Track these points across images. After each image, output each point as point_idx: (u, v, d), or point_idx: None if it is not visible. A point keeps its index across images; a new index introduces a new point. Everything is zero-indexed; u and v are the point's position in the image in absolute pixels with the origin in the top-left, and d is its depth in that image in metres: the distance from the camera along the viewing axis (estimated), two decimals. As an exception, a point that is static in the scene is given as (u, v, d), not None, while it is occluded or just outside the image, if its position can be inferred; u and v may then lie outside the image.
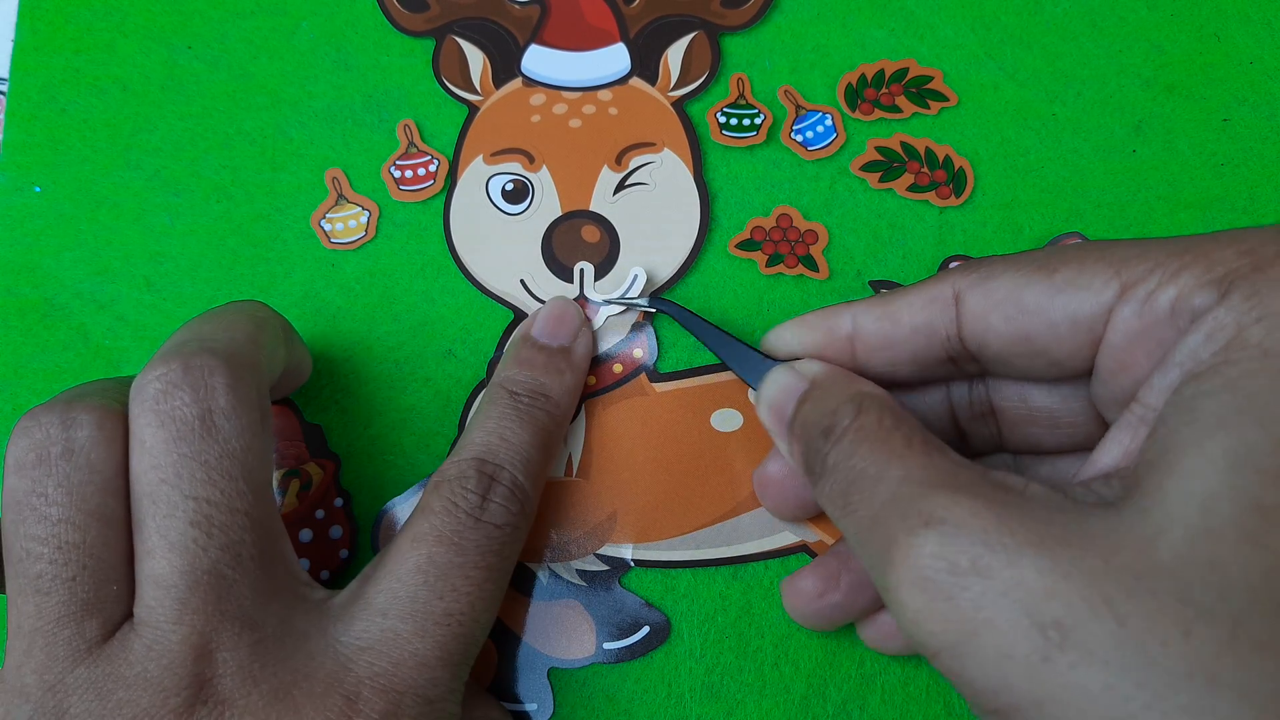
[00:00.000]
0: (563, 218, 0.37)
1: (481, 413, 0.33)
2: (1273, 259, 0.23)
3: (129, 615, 0.27)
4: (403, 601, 0.29)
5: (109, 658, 0.26)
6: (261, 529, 0.28)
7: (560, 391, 0.34)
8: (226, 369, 0.28)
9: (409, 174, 0.38)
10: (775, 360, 0.32)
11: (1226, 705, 0.18)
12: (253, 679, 0.27)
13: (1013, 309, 0.27)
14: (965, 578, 0.21)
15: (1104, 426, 0.28)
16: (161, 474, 0.27)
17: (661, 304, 0.35)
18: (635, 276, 0.37)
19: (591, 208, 0.37)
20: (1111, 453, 0.25)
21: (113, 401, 0.28)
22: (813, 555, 0.35)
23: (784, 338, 0.32)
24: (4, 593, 0.29)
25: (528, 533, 0.32)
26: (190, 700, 0.26)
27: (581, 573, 0.36)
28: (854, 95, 0.38)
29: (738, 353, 0.33)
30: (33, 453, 0.27)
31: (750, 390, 0.33)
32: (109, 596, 0.27)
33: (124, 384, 0.29)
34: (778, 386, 0.31)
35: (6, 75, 0.39)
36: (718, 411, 0.36)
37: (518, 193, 0.38)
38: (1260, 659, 0.18)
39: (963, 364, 0.30)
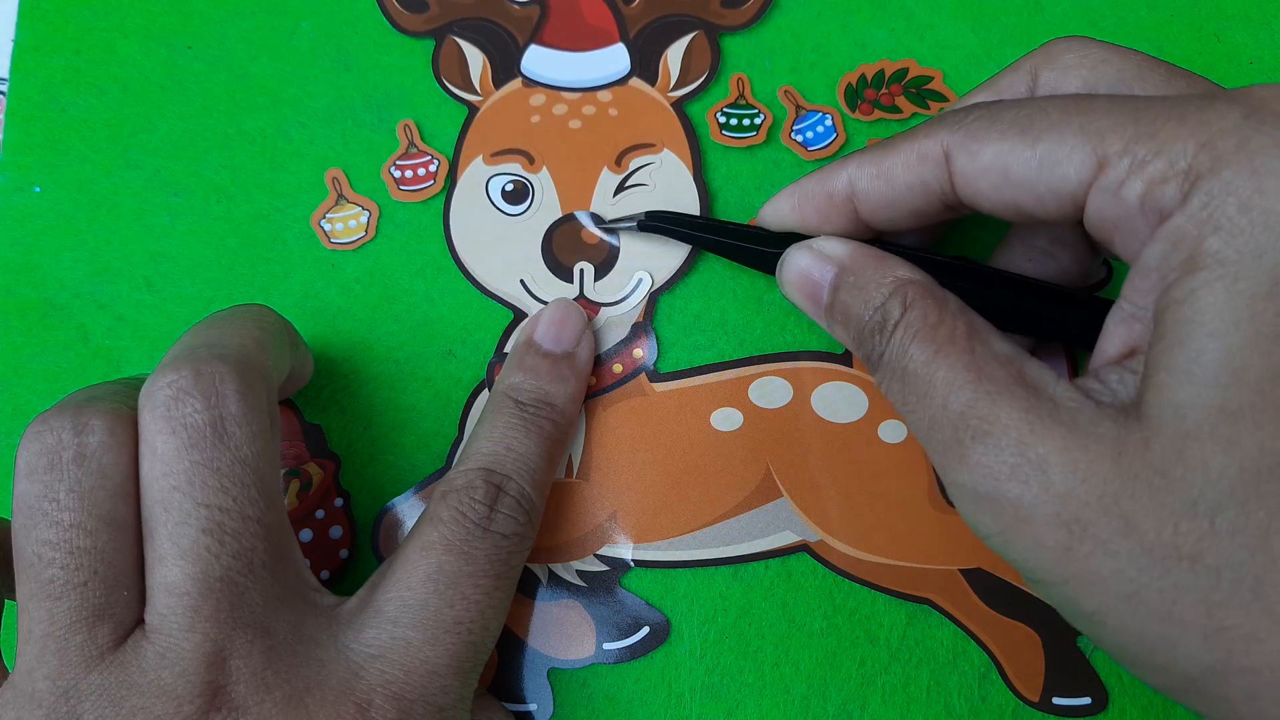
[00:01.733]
0: (562, 219, 0.37)
1: (487, 421, 0.33)
2: (1233, 153, 0.23)
3: (140, 621, 0.27)
4: (413, 609, 0.29)
5: (121, 664, 0.26)
6: (273, 536, 0.28)
7: (565, 399, 0.34)
8: (237, 375, 0.28)
9: (409, 174, 0.38)
10: (783, 238, 0.33)
11: (1206, 580, 0.22)
12: (266, 686, 0.27)
13: (999, 178, 0.27)
14: (1005, 483, 0.25)
15: None
16: (173, 481, 0.27)
17: (650, 223, 0.36)
18: (640, 281, 0.37)
19: (592, 209, 0.37)
20: (1114, 344, 0.27)
21: (123, 406, 0.28)
22: (813, 555, 0.35)
23: (781, 211, 0.32)
24: (14, 599, 0.29)
25: (534, 541, 0.33)
26: (204, 708, 0.26)
27: (581, 573, 0.36)
28: (854, 95, 0.38)
29: (743, 239, 0.34)
30: (44, 458, 0.27)
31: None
32: (120, 602, 0.27)
33: (133, 387, 0.29)
34: (799, 269, 0.32)
35: (6, 75, 0.39)
36: (718, 411, 0.36)
37: (518, 193, 0.38)
38: (1232, 544, 0.22)
39: (961, 210, 0.30)
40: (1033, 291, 0.31)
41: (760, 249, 0.34)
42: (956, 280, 0.30)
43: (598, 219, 0.37)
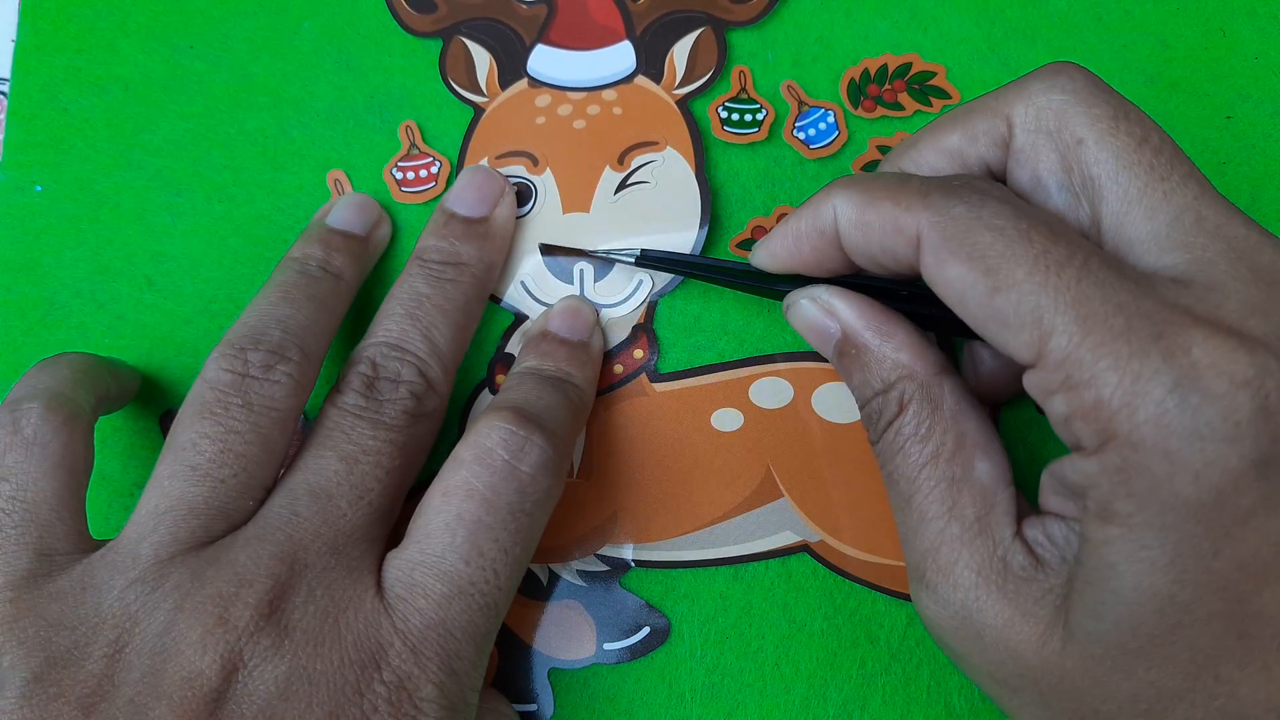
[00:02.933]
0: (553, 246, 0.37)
1: (505, 386, 0.34)
2: (1151, 431, 0.23)
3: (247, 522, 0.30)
4: (430, 560, 0.30)
5: (218, 547, 0.29)
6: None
7: (584, 380, 0.35)
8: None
9: (410, 175, 0.38)
10: (784, 279, 0.33)
11: None
12: (314, 598, 0.29)
13: (957, 303, 0.27)
14: (949, 634, 0.28)
15: None
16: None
17: (647, 259, 0.35)
18: (640, 282, 0.37)
19: (592, 209, 0.37)
20: (1051, 501, 0.28)
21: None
22: (813, 555, 0.35)
23: (778, 256, 0.32)
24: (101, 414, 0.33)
25: (553, 508, 0.32)
26: (268, 592, 0.28)
27: (582, 573, 0.36)
28: (857, 91, 0.38)
29: (744, 277, 0.34)
30: (231, 375, 0.31)
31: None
32: (243, 510, 0.30)
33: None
34: (806, 322, 0.32)
35: (8, 75, 0.39)
36: (718, 411, 0.36)
37: (520, 196, 0.37)
38: None
39: None
40: None
41: (762, 285, 0.34)
42: (944, 310, 0.30)
43: (581, 253, 0.37)
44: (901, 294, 0.31)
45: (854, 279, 0.32)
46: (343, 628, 0.28)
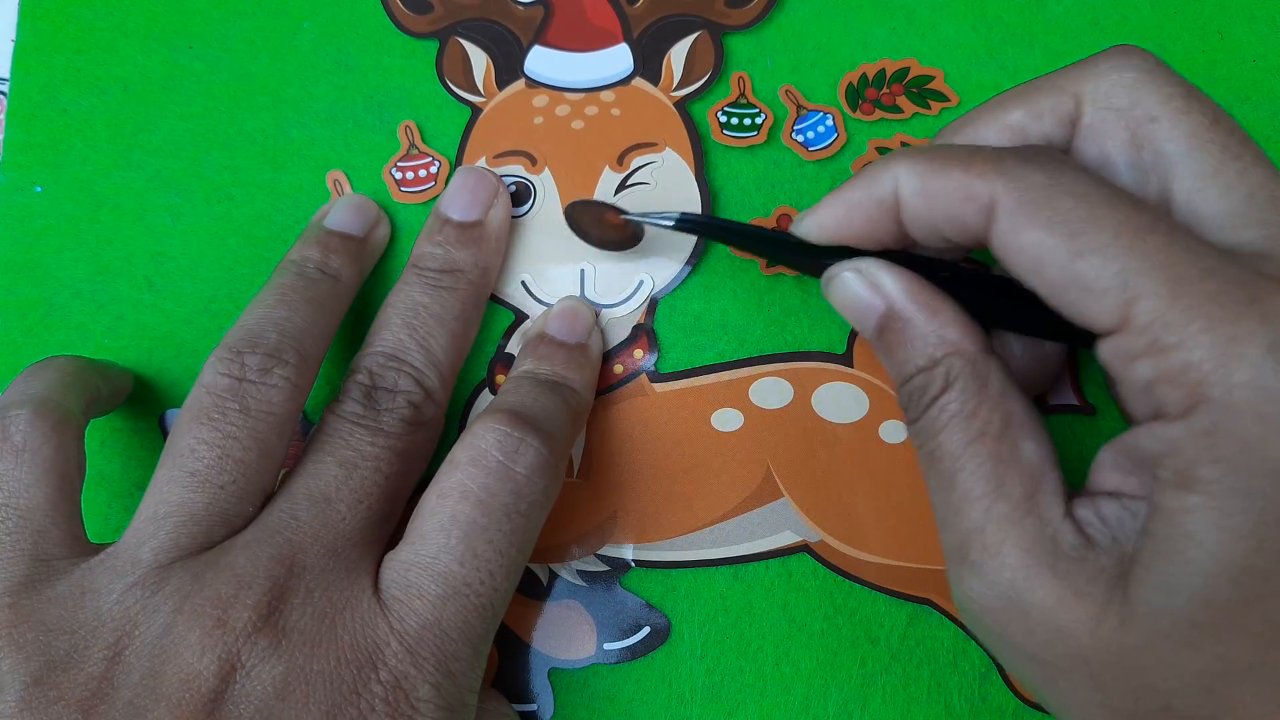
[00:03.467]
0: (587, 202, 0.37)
1: (502, 390, 0.34)
2: (1246, 392, 0.23)
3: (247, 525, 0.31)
4: (425, 561, 0.30)
5: (217, 550, 0.30)
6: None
7: (582, 384, 0.35)
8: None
9: (410, 175, 0.38)
10: (830, 249, 0.31)
11: None
12: (312, 599, 0.29)
13: (1031, 263, 0.26)
14: (993, 616, 0.27)
15: None
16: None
17: (686, 221, 0.34)
18: (641, 282, 0.37)
19: (593, 208, 0.37)
20: (1107, 479, 0.27)
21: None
22: (814, 555, 0.35)
23: (826, 225, 0.31)
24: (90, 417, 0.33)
25: (549, 510, 0.32)
26: (267, 594, 0.29)
27: (582, 573, 0.36)
28: (855, 95, 0.38)
29: (785, 247, 0.32)
30: (227, 379, 0.31)
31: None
32: (242, 515, 0.30)
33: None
34: (849, 293, 0.30)
35: (7, 75, 0.39)
36: (718, 412, 0.36)
37: (519, 195, 0.37)
38: None
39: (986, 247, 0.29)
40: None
41: (801, 257, 0.32)
42: (978, 290, 0.29)
43: (621, 210, 0.36)
44: (941, 275, 0.30)
45: (895, 254, 0.31)
46: (340, 629, 0.28)
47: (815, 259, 0.32)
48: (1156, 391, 0.24)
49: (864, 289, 0.30)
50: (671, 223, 0.34)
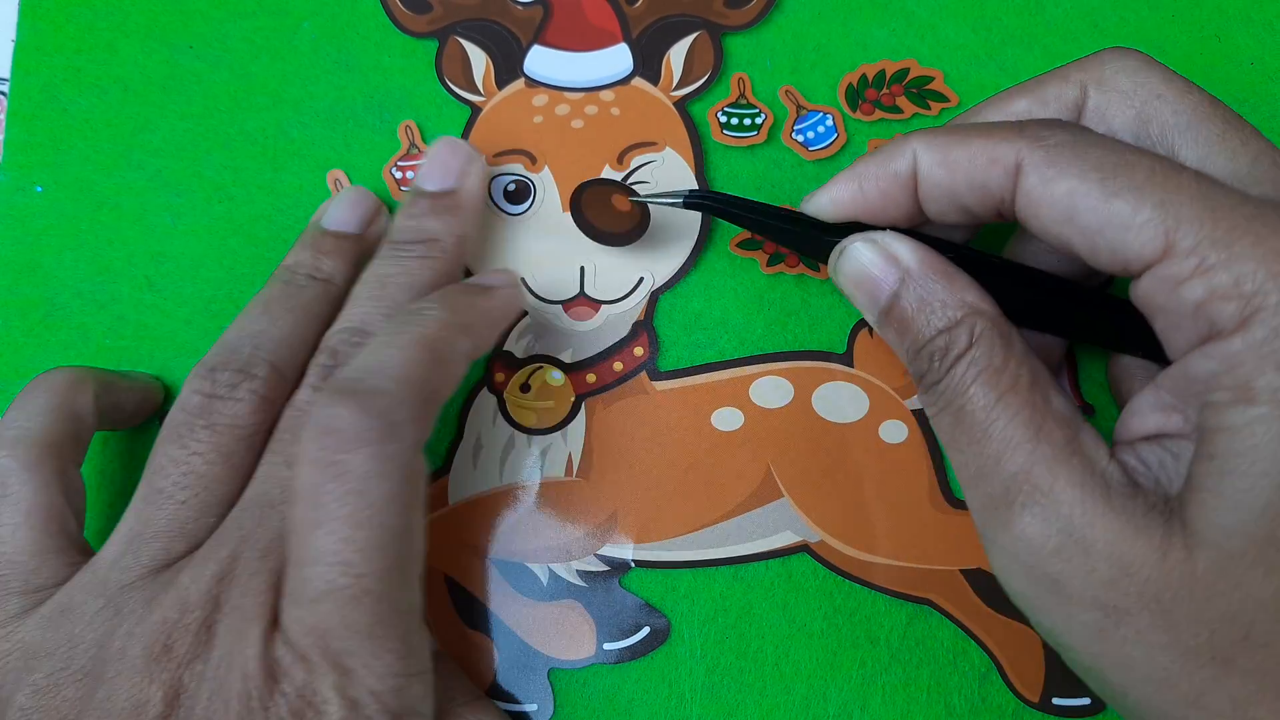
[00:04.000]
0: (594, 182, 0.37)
1: (353, 296, 0.34)
2: None
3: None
4: (290, 563, 0.28)
5: (174, 569, 0.30)
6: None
7: (450, 235, 0.35)
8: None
9: (410, 175, 0.38)
10: (840, 227, 0.31)
11: (1238, 680, 0.24)
12: (232, 615, 0.28)
13: (1063, 214, 0.27)
14: (1049, 558, 0.26)
15: None
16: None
17: (695, 198, 0.34)
18: (641, 279, 0.37)
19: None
20: (1145, 423, 0.28)
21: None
22: (814, 555, 0.35)
23: (840, 199, 0.31)
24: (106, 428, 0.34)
25: (414, 468, 0.28)
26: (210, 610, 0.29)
27: (582, 573, 0.36)
28: (855, 95, 0.38)
29: (795, 225, 0.32)
30: (200, 398, 0.32)
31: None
32: (204, 528, 0.31)
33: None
34: (860, 265, 0.30)
35: (8, 75, 0.39)
36: (718, 411, 0.36)
37: (519, 193, 0.38)
38: (1266, 653, 0.24)
39: (1005, 220, 0.29)
40: (1065, 293, 0.31)
41: (816, 236, 0.32)
42: (983, 273, 0.29)
43: (632, 191, 0.36)
44: (947, 255, 0.30)
45: (905, 232, 0.30)
46: (246, 646, 0.27)
47: (823, 237, 0.31)
48: (1209, 309, 0.24)
49: (879, 258, 0.30)
50: (680, 200, 0.34)
